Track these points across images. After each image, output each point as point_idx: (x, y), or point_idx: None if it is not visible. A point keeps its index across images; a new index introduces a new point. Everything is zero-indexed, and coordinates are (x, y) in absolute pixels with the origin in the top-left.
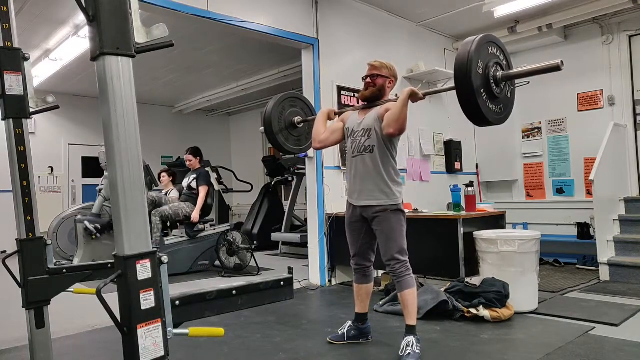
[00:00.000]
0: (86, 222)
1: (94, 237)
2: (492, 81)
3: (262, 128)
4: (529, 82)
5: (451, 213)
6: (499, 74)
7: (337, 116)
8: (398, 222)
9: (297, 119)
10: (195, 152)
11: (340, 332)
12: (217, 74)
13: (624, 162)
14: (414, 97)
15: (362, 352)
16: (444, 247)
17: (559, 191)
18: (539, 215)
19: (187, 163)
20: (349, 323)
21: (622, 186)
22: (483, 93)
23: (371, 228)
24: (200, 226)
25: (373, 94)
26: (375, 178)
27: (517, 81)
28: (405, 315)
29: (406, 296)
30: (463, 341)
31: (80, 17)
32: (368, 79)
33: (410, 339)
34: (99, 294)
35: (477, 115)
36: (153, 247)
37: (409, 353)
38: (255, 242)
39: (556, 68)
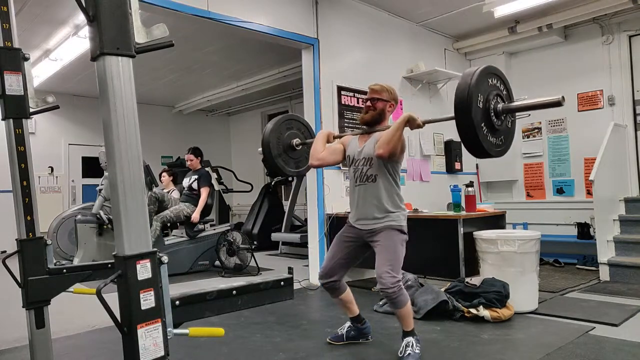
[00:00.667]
0: (101, 212)
1: (106, 227)
2: (492, 114)
3: (260, 150)
4: (529, 115)
5: (451, 213)
6: (500, 106)
7: (335, 139)
8: (399, 241)
9: (295, 141)
10: (196, 152)
11: (339, 333)
12: (217, 74)
13: (624, 162)
14: (411, 122)
15: (362, 352)
16: (444, 247)
17: (559, 191)
18: (539, 215)
19: (188, 163)
20: (348, 323)
21: (622, 186)
22: (483, 127)
23: (362, 248)
24: (200, 226)
25: (373, 117)
26: (379, 206)
27: (518, 113)
28: (402, 324)
29: (401, 312)
30: (463, 341)
31: (80, 17)
32: (368, 102)
33: (410, 339)
34: (99, 294)
35: (478, 149)
36: None
37: (409, 353)
38: (255, 242)
39: (557, 104)
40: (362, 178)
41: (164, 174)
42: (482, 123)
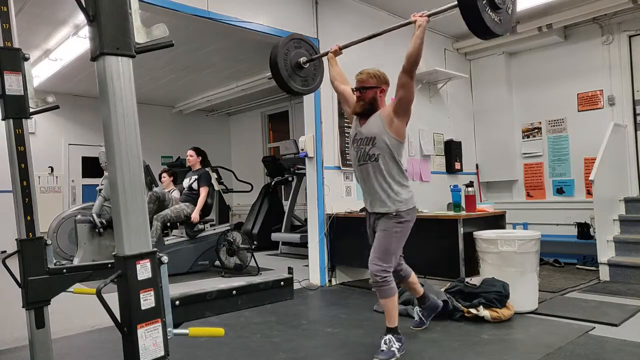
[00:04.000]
0: (94, 215)
1: (97, 231)
2: None
3: (269, 74)
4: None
5: (451, 213)
6: None
7: (342, 51)
8: (394, 231)
9: (302, 59)
10: (199, 150)
11: (417, 319)
12: (217, 74)
13: (624, 162)
14: (423, 26)
15: (362, 352)
16: (444, 247)
17: (559, 191)
18: (539, 215)
19: (189, 158)
20: (417, 308)
21: (622, 186)
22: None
23: None
24: (200, 226)
25: (364, 108)
26: (382, 185)
27: None
28: (385, 318)
29: (385, 303)
30: (463, 341)
31: (80, 17)
32: (357, 93)
33: (389, 336)
34: (99, 294)
35: (477, 22)
36: None
37: (382, 350)
38: (255, 242)
39: None
40: (364, 157)
41: (164, 174)
42: None
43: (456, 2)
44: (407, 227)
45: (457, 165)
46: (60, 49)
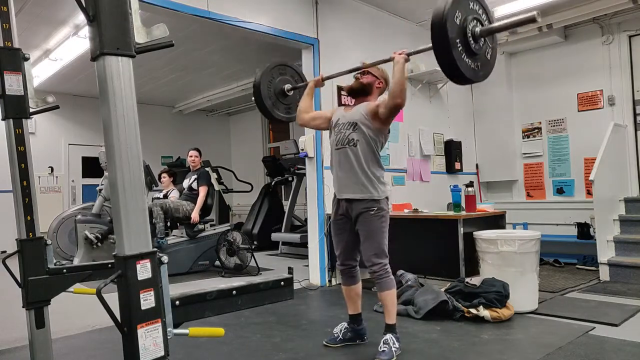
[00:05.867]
0: (86, 232)
1: (94, 246)
2: (469, 34)
3: (253, 98)
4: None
5: (451, 213)
6: (477, 29)
7: (324, 81)
8: (379, 223)
9: (287, 86)
10: (199, 151)
11: (335, 335)
12: (217, 74)
13: (624, 162)
14: (400, 63)
15: (361, 352)
16: (444, 247)
17: (559, 191)
18: (539, 215)
19: (192, 158)
20: (344, 324)
21: (622, 186)
22: (459, 44)
23: (353, 225)
24: (200, 226)
25: (360, 86)
26: (358, 171)
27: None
28: (384, 314)
29: (385, 297)
30: (463, 341)
31: (80, 17)
32: (359, 75)
33: (389, 336)
34: (99, 294)
35: (452, 68)
36: (158, 237)
37: (384, 350)
38: (255, 242)
39: (532, 20)
40: (343, 141)
41: (164, 174)
42: (458, 39)
43: (431, 45)
44: (387, 217)
45: (457, 165)
46: (60, 49)
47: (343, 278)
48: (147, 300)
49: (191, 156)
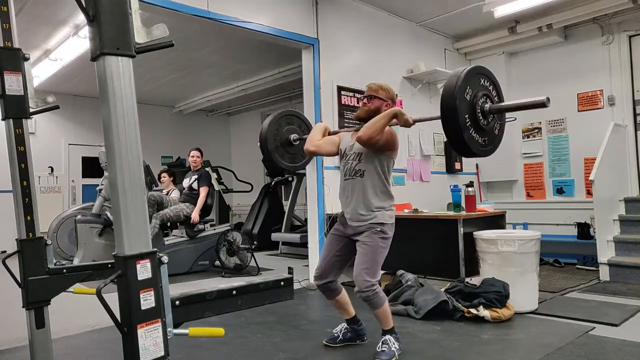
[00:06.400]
0: (108, 213)
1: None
2: (478, 110)
3: (259, 144)
4: (515, 119)
5: (451, 213)
6: (487, 106)
7: (330, 135)
8: (381, 242)
9: (293, 136)
10: (201, 151)
11: (335, 334)
12: (217, 74)
13: (624, 162)
14: (399, 117)
15: (361, 352)
16: (444, 247)
17: (559, 191)
18: (539, 215)
19: (193, 158)
20: (344, 324)
21: (622, 186)
22: (467, 119)
23: (353, 244)
24: (200, 226)
25: (367, 114)
26: (365, 201)
27: (506, 115)
28: (380, 324)
29: (378, 313)
30: (463, 341)
31: (80, 17)
32: (365, 100)
33: (388, 336)
34: (99, 294)
35: (461, 145)
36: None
37: (383, 350)
38: (255, 242)
39: (542, 105)
40: (350, 172)
41: (164, 174)
42: (467, 115)
43: (439, 115)
44: (389, 243)
45: (457, 165)
46: (60, 49)
47: (325, 295)
48: (147, 300)
49: (193, 156)
